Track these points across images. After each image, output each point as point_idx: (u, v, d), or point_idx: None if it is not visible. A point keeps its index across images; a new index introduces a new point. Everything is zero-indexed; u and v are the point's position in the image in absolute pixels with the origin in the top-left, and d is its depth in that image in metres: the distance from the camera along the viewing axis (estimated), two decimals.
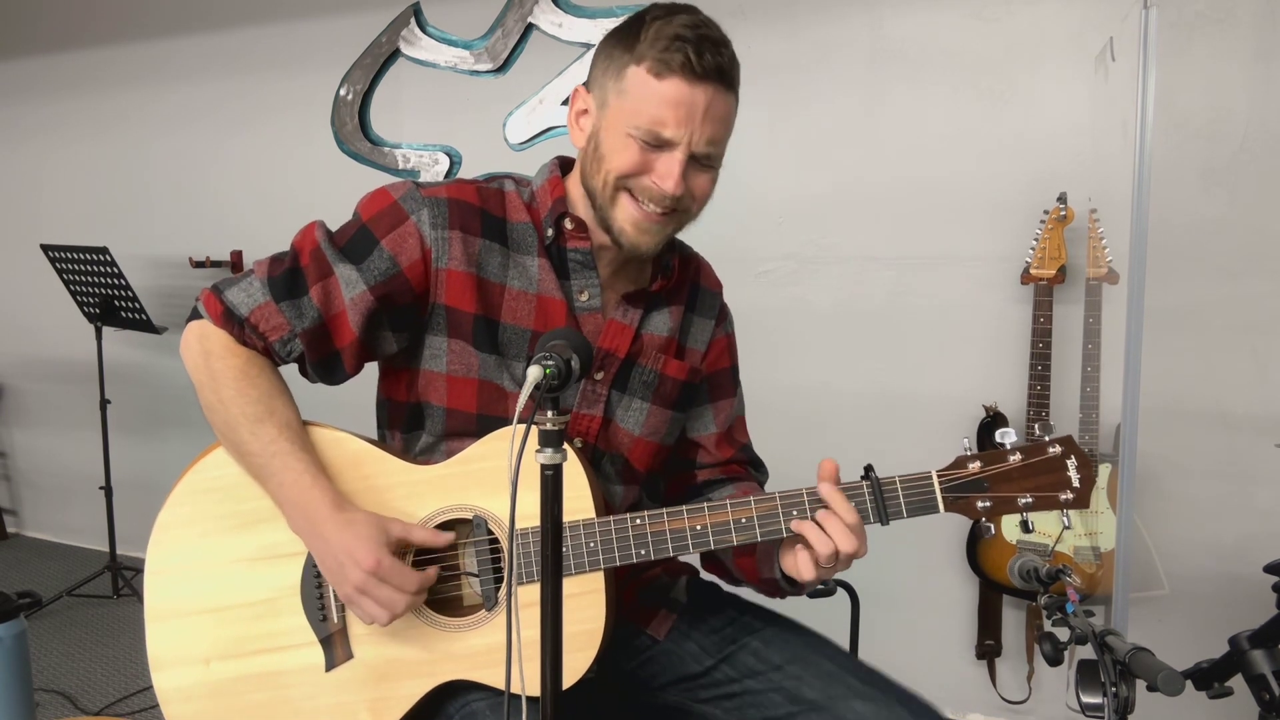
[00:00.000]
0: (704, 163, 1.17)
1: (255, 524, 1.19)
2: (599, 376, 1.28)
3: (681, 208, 1.19)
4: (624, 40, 1.16)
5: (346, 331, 1.20)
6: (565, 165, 1.31)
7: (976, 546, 2.41)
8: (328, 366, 1.24)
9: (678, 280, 1.33)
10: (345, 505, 1.15)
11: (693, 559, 1.34)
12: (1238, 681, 1.28)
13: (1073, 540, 2.26)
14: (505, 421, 1.21)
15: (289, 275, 1.20)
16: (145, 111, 3.66)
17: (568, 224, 1.25)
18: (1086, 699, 1.06)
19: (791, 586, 1.23)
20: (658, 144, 1.14)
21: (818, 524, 1.13)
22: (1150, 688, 0.99)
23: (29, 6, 3.85)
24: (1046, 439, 1.14)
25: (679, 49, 1.10)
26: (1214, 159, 2.25)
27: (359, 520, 1.13)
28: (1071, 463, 1.13)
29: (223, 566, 1.20)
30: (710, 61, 1.11)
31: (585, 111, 1.22)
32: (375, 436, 1.32)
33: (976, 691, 2.56)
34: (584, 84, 1.23)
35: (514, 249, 1.25)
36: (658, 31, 1.12)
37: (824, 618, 1.53)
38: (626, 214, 1.19)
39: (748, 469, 1.44)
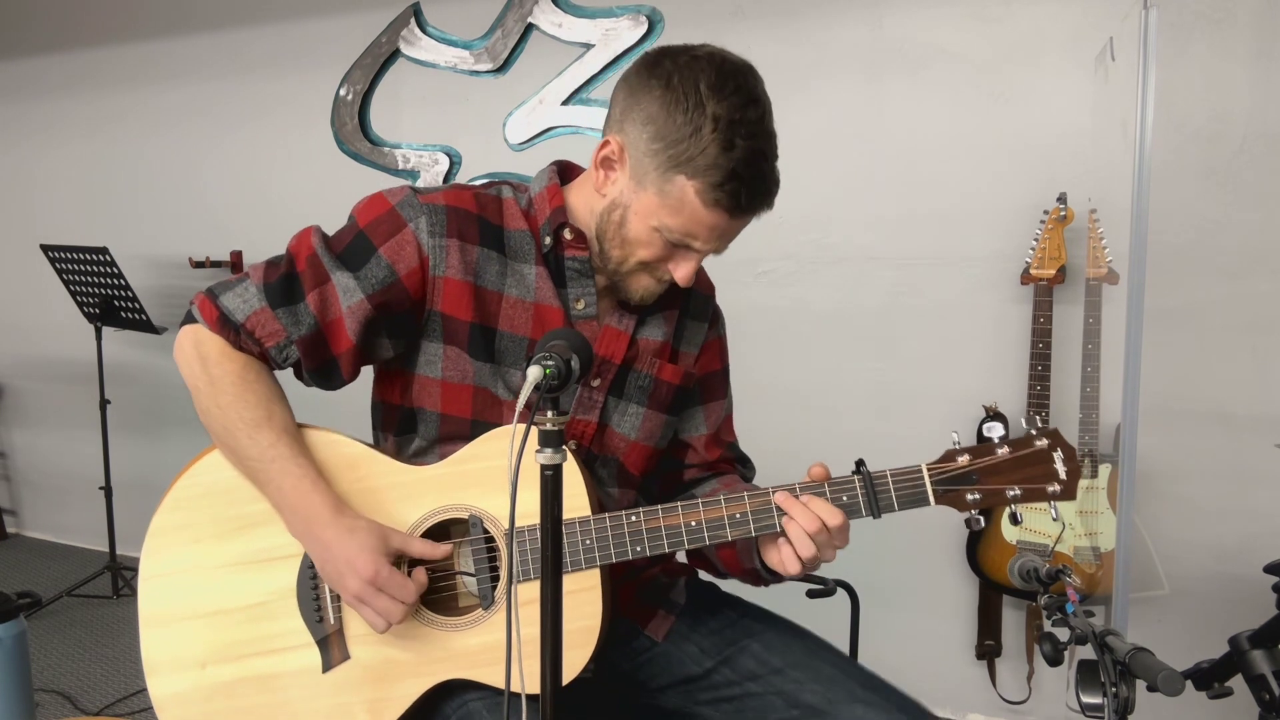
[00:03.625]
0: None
1: (249, 528, 1.19)
2: (595, 383, 1.28)
3: None
4: (676, 124, 1.10)
5: (344, 339, 1.20)
6: (563, 171, 1.31)
7: (977, 547, 2.41)
8: (324, 373, 1.24)
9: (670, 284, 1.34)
10: (345, 510, 1.15)
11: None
12: (1238, 681, 1.28)
13: (1073, 540, 2.25)
14: (502, 426, 1.21)
15: (285, 281, 1.20)
16: (145, 111, 3.66)
17: (567, 234, 1.24)
18: (1086, 699, 1.05)
19: (772, 576, 1.23)
20: (683, 245, 1.18)
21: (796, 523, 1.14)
22: (1150, 688, 0.98)
23: (30, 6, 3.85)
24: (1033, 432, 1.16)
25: (732, 190, 1.10)
26: (1214, 159, 2.25)
27: (359, 528, 1.13)
28: (1058, 455, 1.14)
29: (217, 571, 1.20)
30: (759, 202, 1.14)
31: (612, 165, 1.19)
32: (368, 438, 1.32)
33: (976, 691, 2.56)
34: (614, 132, 1.17)
35: (511, 257, 1.24)
36: (716, 157, 1.09)
37: (824, 618, 1.53)
38: (641, 285, 1.23)
39: (734, 465, 1.45)
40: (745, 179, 1.10)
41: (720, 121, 1.09)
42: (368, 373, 1.32)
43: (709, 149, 1.09)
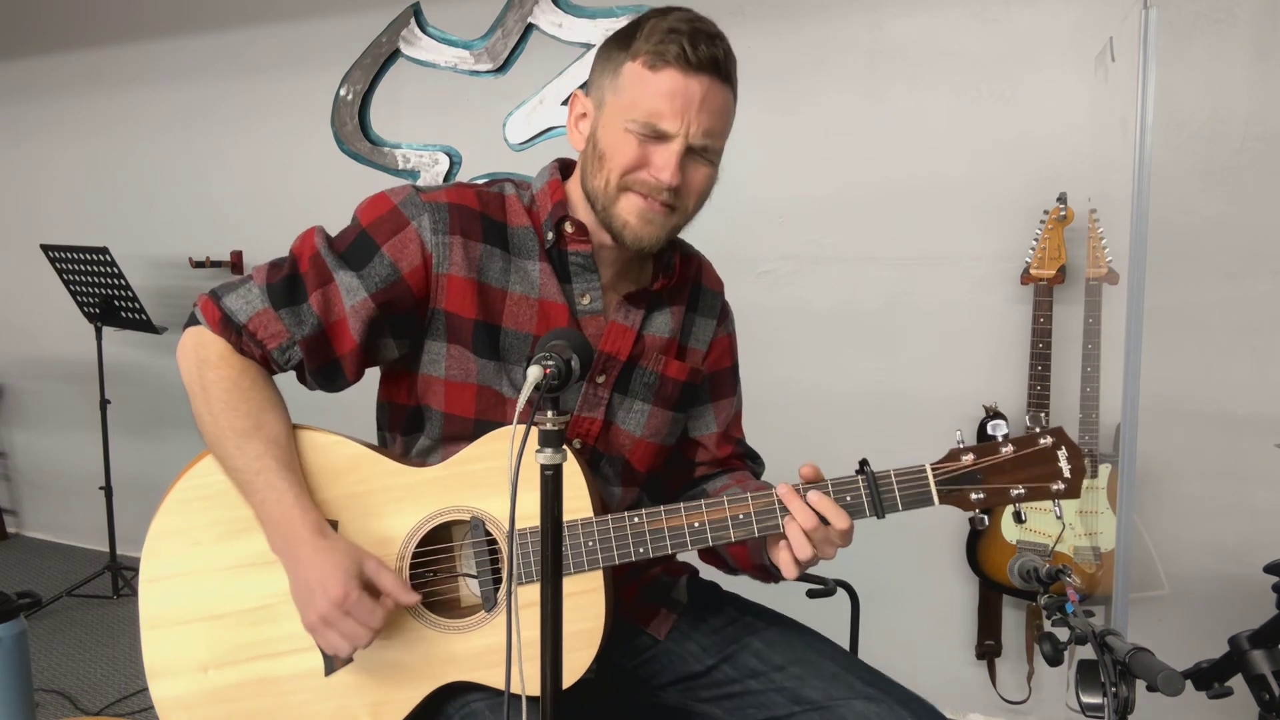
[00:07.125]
0: (701, 155, 1.17)
1: (249, 530, 1.19)
2: (600, 379, 1.27)
3: (680, 203, 1.19)
4: (620, 41, 1.18)
5: (347, 339, 1.20)
6: (565, 168, 1.31)
7: (976, 546, 2.41)
8: (327, 374, 1.23)
9: (679, 279, 1.33)
10: (325, 531, 1.14)
11: (691, 556, 1.34)
12: (1238, 681, 1.28)
13: (1073, 540, 2.25)
14: (503, 427, 1.21)
15: (288, 282, 1.19)
16: (146, 111, 3.65)
17: (568, 227, 1.24)
18: (1086, 699, 1.05)
19: (780, 574, 1.23)
20: (655, 136, 1.15)
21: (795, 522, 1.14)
22: (1150, 688, 0.98)
23: (32, 6, 3.85)
24: (1038, 430, 1.15)
25: (674, 40, 1.12)
26: (1214, 159, 2.25)
27: (337, 549, 1.12)
28: (1062, 454, 1.14)
29: (218, 573, 1.20)
30: (705, 52, 1.13)
31: (584, 115, 1.23)
32: (374, 439, 1.32)
33: (976, 691, 2.56)
34: (582, 88, 1.24)
35: (515, 254, 1.24)
36: (653, 27, 1.15)
37: (824, 618, 1.53)
38: (631, 206, 1.18)
39: (744, 461, 1.46)
40: (685, 32, 1.13)
41: (657, 13, 1.17)
42: (372, 373, 1.31)
43: (644, 29, 1.15)
